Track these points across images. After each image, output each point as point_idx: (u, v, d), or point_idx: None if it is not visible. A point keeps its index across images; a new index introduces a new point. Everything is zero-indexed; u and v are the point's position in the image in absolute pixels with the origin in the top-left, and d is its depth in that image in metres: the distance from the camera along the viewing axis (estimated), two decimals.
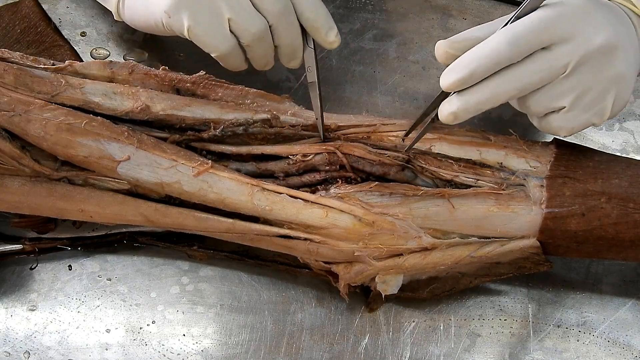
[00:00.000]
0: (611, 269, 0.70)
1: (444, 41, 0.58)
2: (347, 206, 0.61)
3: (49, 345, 0.64)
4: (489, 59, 0.55)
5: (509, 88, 0.56)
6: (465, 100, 0.57)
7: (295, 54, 0.65)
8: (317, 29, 0.63)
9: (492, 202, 0.62)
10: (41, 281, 0.67)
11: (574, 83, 0.57)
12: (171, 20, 0.61)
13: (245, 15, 0.60)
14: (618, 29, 0.58)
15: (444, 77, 0.57)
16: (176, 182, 0.61)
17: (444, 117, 0.58)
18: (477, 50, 0.56)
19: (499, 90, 0.56)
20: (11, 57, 0.63)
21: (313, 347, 0.66)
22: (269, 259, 0.67)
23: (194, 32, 0.61)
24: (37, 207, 0.62)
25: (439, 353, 0.66)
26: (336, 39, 0.64)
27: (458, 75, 0.56)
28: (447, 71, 0.57)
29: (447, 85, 0.57)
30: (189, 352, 0.65)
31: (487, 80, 0.56)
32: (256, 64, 0.65)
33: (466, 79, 0.56)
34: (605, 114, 0.59)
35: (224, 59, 0.63)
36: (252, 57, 0.64)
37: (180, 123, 0.63)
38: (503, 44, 0.55)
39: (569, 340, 0.67)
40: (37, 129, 0.59)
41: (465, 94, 0.57)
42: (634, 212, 0.61)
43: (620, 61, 0.57)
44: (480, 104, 0.57)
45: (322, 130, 0.64)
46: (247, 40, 0.62)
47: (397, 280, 0.64)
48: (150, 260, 0.68)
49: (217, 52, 0.62)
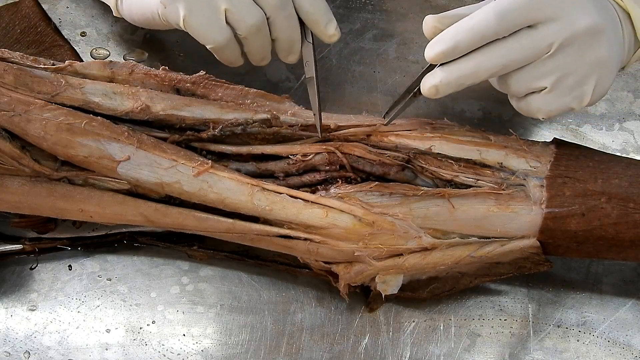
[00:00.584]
0: (611, 269, 0.70)
1: (432, 16, 0.58)
2: (347, 206, 0.61)
3: (49, 345, 0.64)
4: (474, 32, 0.55)
5: (492, 63, 0.56)
6: (448, 72, 0.57)
7: (293, 48, 0.64)
8: (316, 21, 0.63)
9: (492, 202, 0.62)
10: (41, 281, 0.67)
11: (557, 64, 0.57)
12: (167, 11, 0.61)
13: (242, 6, 0.60)
14: (604, 15, 0.58)
15: (429, 48, 0.57)
16: (176, 182, 0.61)
17: (426, 89, 0.58)
18: (463, 22, 0.56)
19: (482, 65, 0.56)
20: (11, 57, 0.63)
21: (313, 347, 0.66)
22: (269, 259, 0.67)
23: (189, 23, 0.60)
24: (37, 207, 0.62)
25: (439, 353, 0.66)
26: (335, 32, 0.64)
27: (443, 47, 0.56)
28: (432, 42, 0.57)
29: (431, 57, 0.57)
30: (189, 352, 0.65)
31: (471, 54, 0.56)
32: (253, 58, 0.65)
33: (450, 51, 0.56)
34: (585, 99, 0.59)
35: (220, 51, 0.63)
36: (249, 51, 0.64)
37: (180, 123, 0.63)
38: (490, 17, 0.55)
39: (569, 340, 0.67)
40: (37, 129, 0.59)
41: (448, 67, 0.57)
42: (634, 212, 0.61)
43: (604, 46, 0.57)
44: (463, 77, 0.57)
45: (320, 126, 0.64)
46: (244, 31, 0.61)
47: (397, 280, 0.64)
48: (150, 260, 0.68)
49: (213, 43, 0.61)
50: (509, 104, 0.63)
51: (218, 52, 0.63)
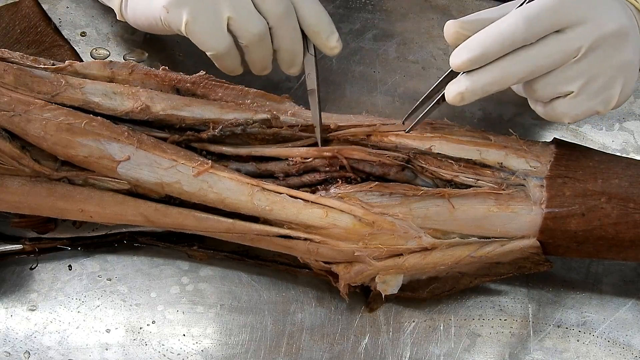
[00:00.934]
0: (611, 269, 0.70)
1: (454, 21, 0.57)
2: (347, 206, 0.61)
3: (49, 345, 0.64)
4: (503, 39, 0.54)
5: (520, 70, 0.55)
6: (474, 80, 0.56)
7: (295, 60, 0.64)
8: (318, 33, 0.63)
9: (492, 202, 0.62)
10: (41, 281, 0.67)
11: (585, 67, 0.56)
12: (169, 16, 0.61)
13: (245, 14, 0.60)
14: (629, 17, 0.58)
15: (455, 56, 0.56)
16: (176, 182, 0.61)
17: (450, 97, 0.57)
18: (491, 29, 0.55)
19: (509, 72, 0.55)
20: (11, 57, 0.63)
21: (313, 347, 0.66)
22: (269, 259, 0.67)
23: (191, 29, 0.60)
24: (37, 207, 0.62)
25: (439, 353, 0.66)
26: (337, 44, 0.64)
27: (470, 55, 0.55)
28: (458, 50, 0.56)
29: (458, 65, 0.56)
30: (189, 352, 0.65)
31: (497, 61, 0.55)
32: (254, 68, 0.65)
33: (478, 59, 0.55)
34: (612, 102, 0.59)
35: (220, 59, 0.63)
36: (250, 60, 0.64)
37: (180, 123, 0.63)
38: (519, 23, 0.54)
39: (569, 340, 0.67)
40: (37, 129, 0.59)
41: (474, 74, 0.56)
42: (634, 212, 0.61)
43: (630, 48, 0.57)
44: (489, 85, 0.56)
45: (319, 139, 0.63)
46: (246, 40, 0.61)
47: (397, 280, 0.64)
48: (150, 260, 0.68)
49: (213, 50, 0.61)
50: (509, 104, 0.63)
51: (218, 60, 0.63)
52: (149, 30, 0.68)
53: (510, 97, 0.71)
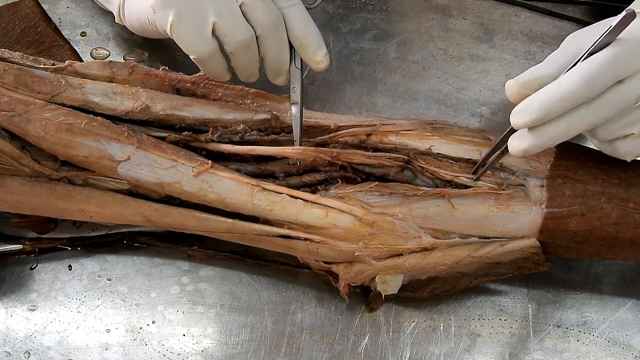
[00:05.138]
0: (611, 269, 0.70)
1: (514, 82, 0.57)
2: (347, 206, 0.61)
3: (49, 345, 0.64)
4: (564, 100, 0.54)
5: (583, 124, 0.56)
6: (537, 136, 0.56)
7: (282, 70, 0.64)
8: (305, 46, 0.62)
9: (492, 202, 0.62)
10: (41, 281, 0.67)
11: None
12: (155, 16, 0.61)
13: (232, 21, 0.60)
14: None
15: (517, 116, 0.56)
16: (176, 182, 0.61)
17: (514, 152, 0.57)
18: (551, 90, 0.54)
19: (572, 127, 0.56)
20: (11, 57, 0.63)
21: (313, 347, 0.66)
22: (269, 259, 0.67)
23: (176, 30, 0.60)
24: (37, 207, 0.62)
25: (439, 353, 0.66)
26: (324, 59, 0.63)
27: (532, 117, 0.55)
28: (519, 110, 0.56)
29: (518, 125, 0.56)
30: (189, 352, 0.65)
31: (559, 117, 0.55)
32: (240, 74, 0.65)
33: (540, 120, 0.55)
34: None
35: (203, 63, 0.62)
36: (236, 66, 0.64)
37: (180, 123, 0.63)
38: (580, 84, 0.53)
39: (569, 340, 0.67)
40: (37, 129, 0.59)
41: (537, 131, 0.56)
42: (634, 212, 0.61)
43: None
44: (552, 139, 0.56)
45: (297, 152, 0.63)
46: (231, 47, 0.61)
47: (397, 280, 0.64)
48: (150, 260, 0.68)
49: (196, 54, 0.61)
50: (509, 104, 0.63)
51: (201, 64, 0.62)
52: (142, 33, 0.67)
53: None
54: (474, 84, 0.78)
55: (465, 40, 0.81)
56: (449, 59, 0.80)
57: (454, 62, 0.80)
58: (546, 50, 0.81)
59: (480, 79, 0.79)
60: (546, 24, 0.83)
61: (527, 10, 0.83)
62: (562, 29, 0.82)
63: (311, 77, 0.77)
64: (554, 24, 0.83)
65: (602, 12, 0.83)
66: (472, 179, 0.63)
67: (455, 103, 0.77)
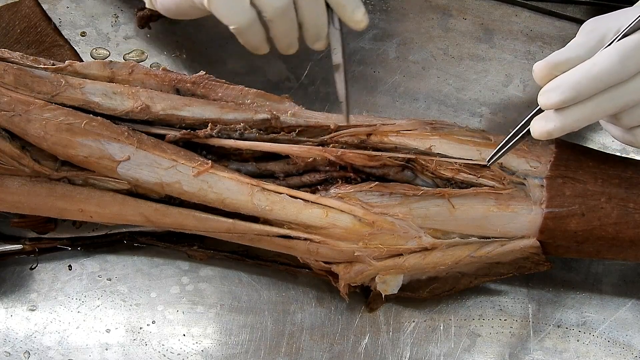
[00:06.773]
0: (611, 269, 0.70)
1: (544, 63, 0.55)
2: (347, 206, 0.61)
3: (49, 345, 0.65)
4: (597, 80, 0.53)
5: (612, 106, 0.54)
6: (564, 117, 0.55)
7: (320, 34, 0.63)
8: (344, 7, 0.61)
9: (492, 202, 0.62)
10: (41, 281, 0.67)
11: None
12: None
13: None
14: None
15: (545, 95, 0.54)
16: (176, 182, 0.61)
17: (537, 133, 0.56)
18: (585, 69, 0.53)
19: (601, 109, 0.54)
20: (11, 57, 0.63)
21: (313, 347, 0.66)
22: (269, 259, 0.67)
23: (213, 2, 0.59)
24: (37, 207, 0.62)
25: (439, 353, 0.66)
26: (363, 18, 0.62)
27: (563, 96, 0.53)
28: (549, 89, 0.54)
29: (548, 105, 0.54)
30: (189, 352, 0.65)
31: (589, 99, 0.54)
32: (279, 44, 0.64)
33: (571, 100, 0.54)
34: None
35: (242, 33, 0.61)
36: (275, 35, 0.62)
37: (180, 123, 0.63)
38: (615, 63, 0.52)
39: (569, 340, 0.67)
40: (37, 129, 0.59)
41: (564, 112, 0.55)
42: (634, 212, 0.61)
43: None
44: (579, 122, 0.55)
45: (347, 115, 0.63)
46: (270, 14, 0.60)
47: (397, 280, 0.64)
48: (150, 260, 0.68)
49: (235, 24, 0.60)
50: (509, 104, 0.63)
51: (241, 35, 0.61)
52: (175, 14, 0.66)
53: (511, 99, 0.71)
54: (474, 84, 0.78)
55: (465, 40, 0.81)
56: (449, 59, 0.80)
57: (454, 62, 0.80)
58: (546, 50, 0.81)
59: (480, 79, 0.79)
60: (546, 24, 0.83)
61: (527, 10, 0.83)
62: (562, 29, 0.82)
63: (311, 77, 0.77)
64: (554, 24, 0.83)
65: (602, 12, 0.82)
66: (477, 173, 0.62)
67: (455, 103, 0.77)
